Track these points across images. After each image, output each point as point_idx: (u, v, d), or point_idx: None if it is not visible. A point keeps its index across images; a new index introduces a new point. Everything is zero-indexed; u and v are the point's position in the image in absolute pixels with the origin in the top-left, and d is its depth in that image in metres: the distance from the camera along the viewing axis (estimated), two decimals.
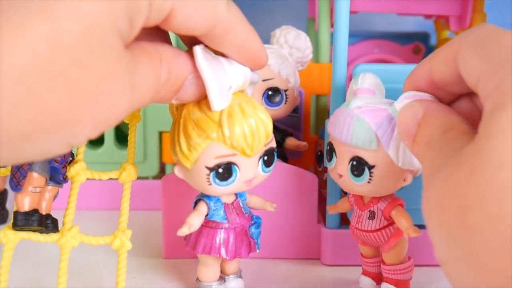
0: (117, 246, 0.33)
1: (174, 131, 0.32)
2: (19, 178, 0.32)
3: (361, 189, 0.34)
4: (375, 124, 0.32)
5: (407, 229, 0.34)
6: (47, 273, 0.39)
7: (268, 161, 0.33)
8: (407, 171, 0.33)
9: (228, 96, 0.31)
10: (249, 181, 0.33)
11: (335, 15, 0.38)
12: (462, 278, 0.22)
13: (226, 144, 0.31)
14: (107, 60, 0.23)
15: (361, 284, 0.38)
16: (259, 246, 0.36)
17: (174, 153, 0.32)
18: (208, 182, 0.32)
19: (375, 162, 0.32)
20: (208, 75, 0.29)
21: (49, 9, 0.21)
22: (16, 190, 0.32)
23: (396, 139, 0.32)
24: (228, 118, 0.31)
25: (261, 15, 0.75)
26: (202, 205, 0.35)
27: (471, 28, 0.26)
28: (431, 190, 0.23)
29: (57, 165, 0.33)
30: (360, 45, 0.63)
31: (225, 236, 0.35)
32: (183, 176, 0.33)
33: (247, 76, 0.31)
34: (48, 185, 0.34)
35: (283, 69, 0.44)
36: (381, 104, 0.32)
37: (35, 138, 0.22)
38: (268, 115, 0.33)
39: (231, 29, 0.28)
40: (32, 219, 0.32)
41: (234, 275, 0.38)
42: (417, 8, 0.53)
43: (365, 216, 0.36)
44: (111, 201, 0.50)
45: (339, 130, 0.33)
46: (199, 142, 0.31)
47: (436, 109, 0.27)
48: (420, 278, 0.38)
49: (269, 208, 0.38)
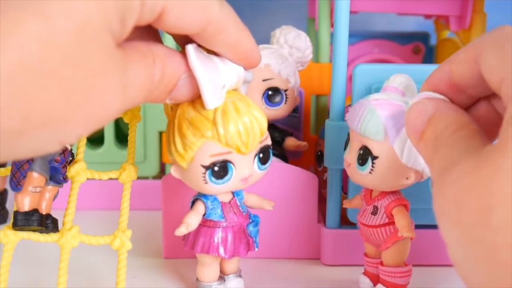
0: (117, 246, 0.33)
1: (169, 131, 0.32)
2: (19, 178, 0.32)
3: (363, 179, 0.34)
4: (385, 116, 0.32)
5: (402, 228, 0.34)
6: (47, 273, 0.39)
7: (264, 159, 0.33)
8: (410, 169, 0.33)
9: (222, 94, 0.31)
10: (245, 179, 0.33)
11: (335, 15, 0.38)
12: (480, 278, 0.22)
13: (221, 142, 0.31)
14: (99, 58, 0.23)
15: (360, 284, 0.38)
16: (257, 244, 0.36)
17: (170, 153, 0.33)
18: (204, 180, 0.32)
19: (379, 153, 0.33)
20: (201, 73, 0.29)
21: (44, 8, 0.21)
22: (16, 190, 0.32)
23: (403, 134, 0.32)
24: (222, 116, 0.31)
25: (261, 15, 0.75)
26: (199, 205, 0.35)
27: (491, 30, 0.26)
28: (447, 188, 0.23)
29: (57, 165, 0.33)
30: (360, 45, 0.63)
31: (223, 235, 0.35)
32: (180, 176, 0.33)
33: (241, 75, 0.31)
34: (48, 185, 0.34)
35: (283, 69, 0.44)
36: (398, 101, 0.33)
37: (27, 136, 0.22)
38: (262, 113, 0.33)
39: (224, 29, 0.28)
40: (32, 219, 0.32)
41: (234, 275, 0.38)
42: (417, 8, 0.53)
43: (369, 210, 0.36)
44: (111, 201, 0.50)
45: (353, 119, 0.34)
46: (194, 141, 0.31)
47: (446, 107, 0.27)
48: (418, 278, 0.38)
49: (267, 206, 0.38)
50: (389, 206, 0.35)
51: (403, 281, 0.36)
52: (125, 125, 0.37)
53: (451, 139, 0.25)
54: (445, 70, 0.28)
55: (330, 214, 0.42)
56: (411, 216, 0.35)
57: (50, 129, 0.23)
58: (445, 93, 0.29)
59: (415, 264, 0.37)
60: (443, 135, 0.26)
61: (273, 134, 0.46)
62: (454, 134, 0.25)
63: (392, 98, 0.33)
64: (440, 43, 0.63)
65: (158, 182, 0.44)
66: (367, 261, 0.38)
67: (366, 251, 0.38)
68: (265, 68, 0.44)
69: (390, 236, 0.35)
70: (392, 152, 0.32)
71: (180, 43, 0.31)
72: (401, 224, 0.34)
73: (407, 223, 0.34)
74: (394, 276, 0.36)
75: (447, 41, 0.61)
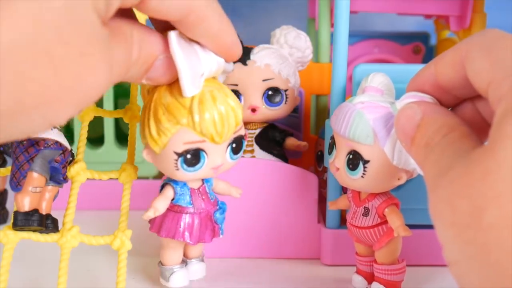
0: (117, 246, 0.33)
1: (144, 114, 0.32)
2: (19, 178, 0.32)
3: (355, 184, 0.34)
4: (374, 119, 0.32)
5: (398, 228, 0.34)
6: (47, 273, 0.39)
7: (236, 149, 0.34)
8: (402, 170, 0.33)
9: (200, 82, 0.31)
10: (216, 168, 0.33)
11: (335, 15, 0.38)
12: (474, 279, 0.22)
13: (195, 131, 0.31)
14: (88, 36, 0.23)
15: (353, 283, 0.38)
16: (223, 231, 0.36)
17: (143, 136, 0.32)
18: (175, 167, 0.32)
19: (370, 157, 0.33)
20: (181, 61, 0.29)
21: None
22: (16, 190, 0.32)
23: (393, 137, 0.32)
24: (199, 105, 0.31)
25: (261, 15, 0.74)
26: (169, 189, 0.35)
27: (476, 33, 0.27)
28: (440, 191, 0.23)
29: (57, 165, 0.33)
30: (360, 45, 0.63)
31: (190, 221, 0.35)
32: (151, 160, 0.33)
33: (221, 65, 0.31)
34: (48, 185, 0.34)
35: (283, 69, 0.44)
36: (384, 102, 0.33)
37: (19, 117, 0.22)
38: (238, 103, 0.33)
39: (206, 18, 0.28)
40: (32, 219, 0.32)
41: (197, 259, 0.38)
42: (417, 8, 0.53)
43: (360, 212, 0.36)
44: (111, 201, 0.50)
45: (339, 123, 0.33)
46: (168, 127, 0.31)
47: (435, 111, 0.27)
48: (413, 278, 0.39)
49: (235, 194, 0.38)
50: (380, 206, 0.35)
51: (399, 278, 0.36)
52: (125, 125, 0.37)
53: (441, 143, 0.25)
54: (431, 70, 0.29)
55: (330, 214, 0.42)
56: (404, 216, 0.35)
57: (42, 110, 0.23)
58: (431, 93, 0.29)
59: (408, 264, 0.37)
60: (434, 140, 0.26)
61: (273, 134, 0.46)
62: (444, 138, 0.25)
63: (377, 100, 0.33)
64: (440, 43, 0.63)
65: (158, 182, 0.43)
66: (359, 260, 0.38)
67: (357, 250, 0.38)
68: (265, 68, 0.44)
69: (383, 236, 0.35)
70: (383, 155, 0.32)
71: (159, 29, 0.31)
72: (396, 223, 0.34)
73: (402, 222, 0.34)
74: (389, 274, 0.36)
75: (447, 41, 0.61)
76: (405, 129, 0.28)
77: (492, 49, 0.25)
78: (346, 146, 0.33)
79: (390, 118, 0.32)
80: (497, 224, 0.21)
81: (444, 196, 0.23)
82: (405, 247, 0.37)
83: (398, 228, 0.34)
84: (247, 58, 0.44)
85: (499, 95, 0.23)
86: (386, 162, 0.32)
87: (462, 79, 0.27)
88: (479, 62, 0.25)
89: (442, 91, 0.29)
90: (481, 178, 0.22)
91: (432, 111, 0.27)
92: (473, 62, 0.25)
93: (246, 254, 0.43)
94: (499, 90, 0.23)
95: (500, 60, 0.24)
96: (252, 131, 0.46)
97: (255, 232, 0.43)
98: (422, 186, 0.33)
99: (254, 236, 0.43)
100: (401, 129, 0.28)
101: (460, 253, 0.22)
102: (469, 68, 0.26)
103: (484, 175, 0.21)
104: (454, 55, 0.27)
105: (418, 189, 0.37)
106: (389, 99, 0.34)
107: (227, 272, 0.41)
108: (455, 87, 0.28)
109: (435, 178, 0.24)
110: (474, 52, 0.26)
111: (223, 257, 0.43)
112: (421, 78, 0.30)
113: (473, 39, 0.26)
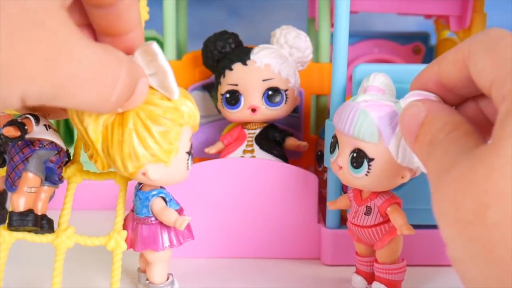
0: (112, 247, 0.33)
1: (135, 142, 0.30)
2: (14, 178, 0.32)
3: (359, 182, 0.34)
4: (378, 118, 0.32)
5: (401, 226, 0.34)
6: (42, 273, 0.39)
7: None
8: (406, 168, 0.33)
9: None
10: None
11: (335, 15, 0.38)
12: (478, 275, 0.22)
13: (189, 125, 0.32)
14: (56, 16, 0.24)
15: (353, 283, 0.38)
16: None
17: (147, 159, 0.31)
18: (187, 166, 0.33)
19: (375, 155, 0.33)
20: (168, 66, 0.30)
21: None
22: (11, 190, 0.32)
23: (397, 135, 0.32)
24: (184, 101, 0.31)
25: (261, 15, 0.74)
26: (161, 201, 0.34)
27: (479, 32, 0.27)
28: (444, 188, 0.23)
29: (52, 165, 0.33)
30: (360, 45, 0.63)
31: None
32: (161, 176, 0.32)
33: None
34: (44, 186, 0.33)
35: (283, 69, 0.44)
36: (388, 101, 0.33)
37: None
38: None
39: (133, 6, 0.29)
40: (27, 219, 0.32)
41: None
42: (417, 8, 0.53)
43: (362, 211, 0.36)
44: (109, 201, 0.50)
45: (343, 122, 0.33)
46: (176, 131, 0.31)
47: (439, 109, 0.28)
48: (413, 278, 0.38)
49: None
50: (383, 205, 0.35)
51: (399, 277, 0.36)
52: None
53: (445, 141, 0.26)
54: (434, 70, 0.29)
55: (330, 214, 0.41)
56: (407, 216, 0.35)
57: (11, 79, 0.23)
58: (434, 92, 0.30)
59: (410, 264, 0.37)
60: (438, 137, 0.26)
61: (273, 134, 0.46)
62: (448, 136, 0.26)
63: (380, 98, 0.33)
64: (440, 43, 0.63)
65: None
66: (359, 260, 0.38)
67: (357, 250, 0.38)
68: (265, 68, 0.44)
69: (385, 235, 0.35)
70: (388, 153, 0.32)
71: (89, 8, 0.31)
72: (399, 222, 0.34)
73: (405, 220, 0.34)
74: (390, 273, 0.36)
75: (447, 41, 0.61)
76: (409, 126, 0.28)
77: (495, 48, 0.25)
78: (350, 144, 0.33)
79: (394, 116, 0.32)
80: (501, 222, 0.21)
81: (448, 194, 0.23)
82: (406, 247, 0.37)
83: (401, 226, 0.34)
84: (247, 58, 0.44)
85: (502, 94, 0.23)
86: (391, 160, 0.32)
87: (465, 78, 0.27)
88: (482, 61, 0.25)
89: (445, 90, 0.29)
90: (484, 176, 0.22)
91: (436, 109, 0.28)
92: (476, 61, 0.26)
93: (246, 254, 0.43)
94: (502, 89, 0.23)
95: (503, 59, 0.24)
96: (252, 131, 0.46)
97: (255, 232, 0.42)
98: (422, 186, 0.33)
99: (254, 236, 0.42)
100: (405, 127, 0.28)
101: (464, 250, 0.22)
102: (472, 67, 0.26)
103: (487, 173, 0.22)
104: (457, 54, 0.27)
105: (418, 189, 0.37)
106: (391, 98, 0.34)
107: (227, 272, 0.41)
108: (458, 86, 0.28)
109: (438, 176, 0.24)
110: (477, 51, 0.26)
111: (223, 257, 0.43)
112: (424, 77, 0.30)
113: (476, 38, 0.26)
